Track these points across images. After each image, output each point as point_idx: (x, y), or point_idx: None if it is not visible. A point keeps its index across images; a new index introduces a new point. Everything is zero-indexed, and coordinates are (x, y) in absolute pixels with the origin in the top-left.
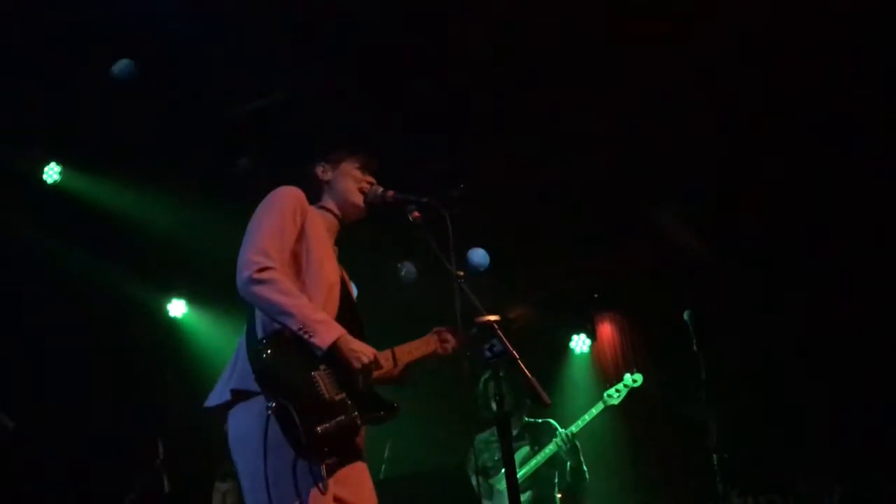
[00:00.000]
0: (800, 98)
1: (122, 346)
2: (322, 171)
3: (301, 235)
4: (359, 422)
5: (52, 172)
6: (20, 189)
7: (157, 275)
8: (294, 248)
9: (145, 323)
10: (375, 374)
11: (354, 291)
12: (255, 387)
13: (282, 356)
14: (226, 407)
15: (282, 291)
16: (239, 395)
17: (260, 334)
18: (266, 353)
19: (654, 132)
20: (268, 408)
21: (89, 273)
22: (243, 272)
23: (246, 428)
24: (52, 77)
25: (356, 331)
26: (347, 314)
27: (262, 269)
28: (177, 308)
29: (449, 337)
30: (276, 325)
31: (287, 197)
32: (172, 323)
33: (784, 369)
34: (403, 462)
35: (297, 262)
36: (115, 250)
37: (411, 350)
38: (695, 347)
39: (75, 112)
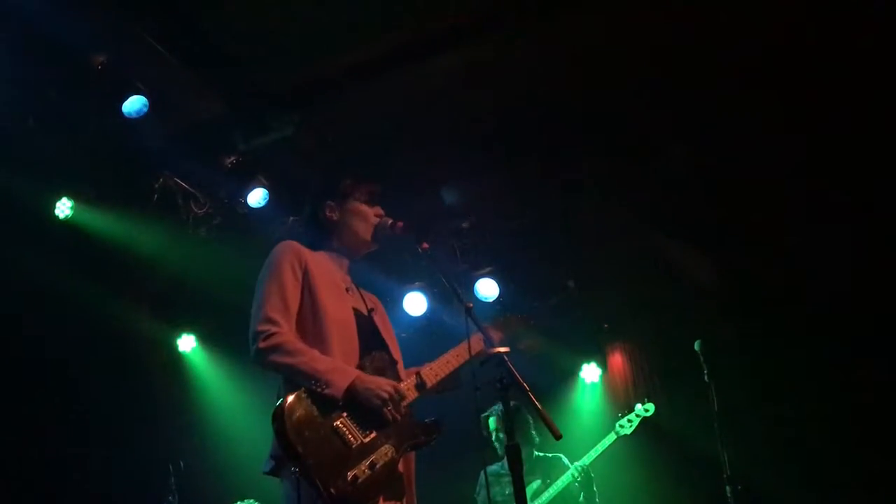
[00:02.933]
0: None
1: (131, 379)
2: (330, 212)
3: (304, 285)
4: (395, 455)
5: (63, 208)
6: (32, 224)
7: (167, 310)
8: (301, 300)
9: (155, 357)
10: (409, 399)
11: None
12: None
13: (298, 417)
14: (277, 473)
15: (288, 353)
16: (280, 461)
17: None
18: (279, 420)
19: (661, 160)
20: (293, 471)
21: (99, 307)
22: (252, 345)
23: (286, 496)
24: (64, 112)
25: (385, 360)
26: (372, 346)
27: (266, 338)
28: (186, 343)
29: (483, 341)
30: (291, 386)
31: (282, 255)
32: (181, 357)
33: (797, 399)
34: None
35: (308, 312)
36: (125, 285)
37: (443, 364)
38: (706, 378)
39: (89, 148)
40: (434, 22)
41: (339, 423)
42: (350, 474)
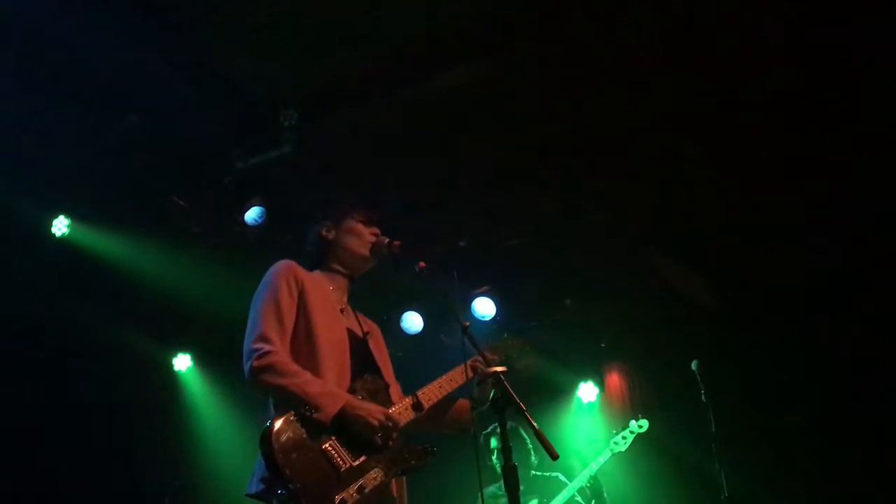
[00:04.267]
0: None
1: (126, 398)
2: (326, 231)
3: (299, 304)
4: (384, 479)
5: (60, 226)
6: (28, 242)
7: (163, 328)
8: (296, 319)
9: (150, 376)
10: (414, 424)
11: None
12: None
13: (287, 439)
14: (265, 496)
15: (280, 373)
16: (268, 484)
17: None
18: (267, 442)
19: (659, 181)
20: (280, 493)
21: (96, 325)
22: (245, 363)
23: None
24: (62, 130)
25: (377, 384)
26: (365, 368)
27: (260, 357)
28: (182, 362)
29: (479, 364)
30: (282, 407)
31: (279, 274)
32: (176, 376)
33: (796, 420)
34: None
35: (301, 332)
36: (122, 303)
37: (439, 387)
38: (703, 398)
39: (85, 165)
40: (435, 41)
41: (327, 446)
42: (338, 498)
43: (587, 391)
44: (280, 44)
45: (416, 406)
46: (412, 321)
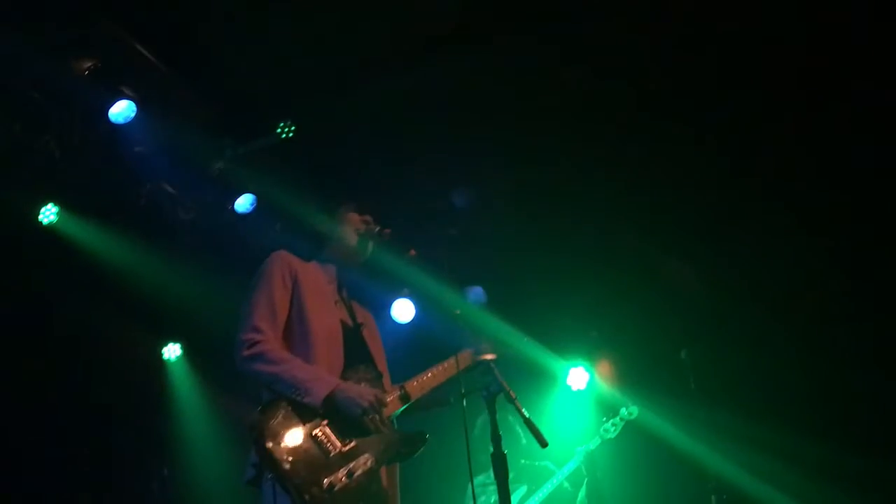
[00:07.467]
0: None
1: (115, 386)
2: (319, 221)
3: (293, 295)
4: (374, 464)
5: (48, 213)
6: (14, 228)
7: (152, 317)
8: (289, 310)
9: (139, 365)
10: (391, 410)
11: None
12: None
13: (276, 424)
14: (256, 482)
15: (271, 361)
16: (259, 469)
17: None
18: (257, 427)
19: (649, 170)
20: (269, 478)
21: (84, 312)
22: (236, 353)
23: (264, 502)
24: (53, 117)
25: (370, 373)
26: (358, 359)
27: (250, 346)
28: (172, 351)
29: (469, 354)
30: (273, 395)
31: (273, 265)
32: (166, 365)
33: (784, 409)
34: None
35: (295, 322)
36: (111, 291)
37: (429, 378)
38: (692, 386)
39: (75, 153)
40: (428, 28)
41: (318, 431)
42: (326, 481)
43: (577, 380)
44: (272, 31)
45: (403, 397)
46: (403, 310)
